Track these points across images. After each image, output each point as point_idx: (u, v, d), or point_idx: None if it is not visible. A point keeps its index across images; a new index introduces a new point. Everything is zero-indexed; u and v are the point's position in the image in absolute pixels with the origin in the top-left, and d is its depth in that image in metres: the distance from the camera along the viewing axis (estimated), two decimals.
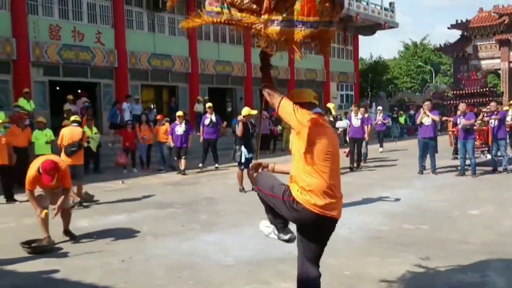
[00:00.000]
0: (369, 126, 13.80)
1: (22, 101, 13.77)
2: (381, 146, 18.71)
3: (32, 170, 6.01)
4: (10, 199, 9.33)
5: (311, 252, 3.60)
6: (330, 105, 11.52)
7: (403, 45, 53.44)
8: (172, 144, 13.30)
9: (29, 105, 13.95)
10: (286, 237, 3.76)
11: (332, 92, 31.21)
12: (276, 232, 3.76)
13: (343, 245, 5.99)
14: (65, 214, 6.47)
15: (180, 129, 13.05)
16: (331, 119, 8.87)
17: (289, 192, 3.38)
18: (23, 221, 7.16)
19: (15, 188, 9.41)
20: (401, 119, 27.01)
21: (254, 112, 10.38)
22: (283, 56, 3.92)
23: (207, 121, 13.78)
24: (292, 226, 3.65)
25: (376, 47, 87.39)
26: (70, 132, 8.79)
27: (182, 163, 13.00)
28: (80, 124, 9.54)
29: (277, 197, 3.46)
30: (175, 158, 13.43)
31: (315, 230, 3.46)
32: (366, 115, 13.75)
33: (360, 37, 34.18)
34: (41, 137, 10.78)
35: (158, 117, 15.07)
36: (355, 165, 13.17)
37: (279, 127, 19.66)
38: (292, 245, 5.91)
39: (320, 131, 3.30)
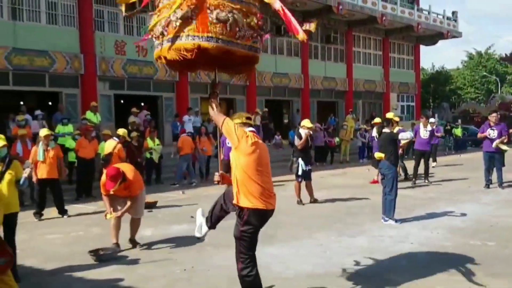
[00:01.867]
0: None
1: (89, 114, 14.47)
2: (434, 160, 17.75)
3: (103, 175, 6.33)
4: (61, 212, 9.07)
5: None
6: (389, 114, 11.24)
7: (466, 54, 51.53)
8: (221, 157, 12.47)
9: (96, 117, 14.63)
10: (201, 235, 4.92)
11: (392, 103, 30.50)
12: (204, 225, 4.91)
13: (406, 262, 5.82)
14: (134, 223, 6.73)
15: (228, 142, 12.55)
16: (394, 130, 8.57)
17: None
18: (92, 230, 7.49)
19: (81, 197, 9.75)
20: (457, 131, 25.54)
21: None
22: (340, 67, 4.34)
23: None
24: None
25: (438, 57, 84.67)
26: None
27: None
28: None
29: None
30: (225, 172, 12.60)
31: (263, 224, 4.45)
32: (434, 126, 13.40)
33: (422, 47, 33.28)
34: (105, 148, 11.25)
35: None
36: (414, 180, 12.69)
37: (337, 139, 19.45)
38: (354, 261, 5.80)
39: (254, 145, 4.11)
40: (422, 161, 12.84)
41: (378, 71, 29.75)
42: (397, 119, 9.91)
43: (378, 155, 8.21)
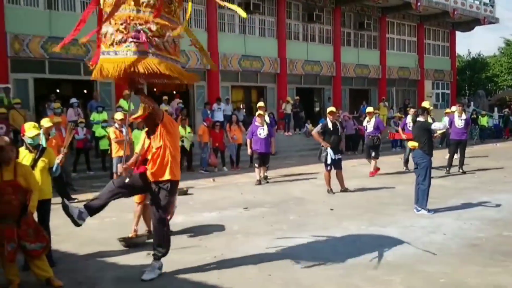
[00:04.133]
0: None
1: (122, 102, 14.73)
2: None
3: None
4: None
5: None
6: (425, 103, 10.95)
7: (504, 41, 49.61)
8: (249, 150, 11.51)
9: (129, 106, 14.85)
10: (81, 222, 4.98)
11: (426, 90, 29.82)
12: (85, 214, 4.98)
13: (438, 252, 5.72)
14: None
15: (263, 132, 11.27)
16: (430, 120, 8.40)
17: None
18: (125, 216, 7.65)
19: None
20: (483, 121, 24.65)
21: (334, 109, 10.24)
22: (373, 54, 4.33)
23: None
24: None
25: (474, 44, 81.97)
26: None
27: (262, 171, 11.41)
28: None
29: None
30: (256, 166, 11.40)
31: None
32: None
33: (457, 33, 32.31)
34: (139, 136, 11.41)
35: None
36: (448, 169, 12.41)
37: None
38: (384, 251, 5.75)
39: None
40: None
41: (413, 58, 29.09)
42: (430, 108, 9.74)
43: (411, 144, 8.08)
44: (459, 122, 12.46)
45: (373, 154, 12.21)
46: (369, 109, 13.02)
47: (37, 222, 4.97)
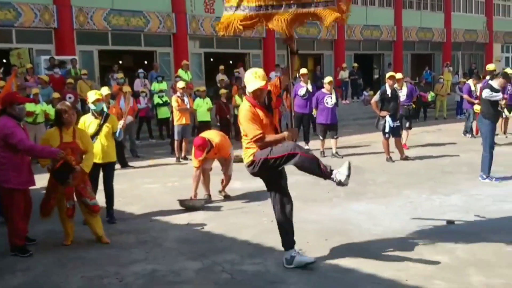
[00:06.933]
0: None
1: (181, 72, 14.98)
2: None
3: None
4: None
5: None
6: (490, 66, 10.18)
7: None
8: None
9: (187, 75, 15.13)
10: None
11: (495, 54, 28.07)
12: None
13: (507, 221, 5.49)
14: (226, 179, 7.09)
15: (330, 100, 10.26)
16: (494, 84, 7.79)
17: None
18: (186, 181, 7.88)
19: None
20: None
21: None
22: (437, 16, 4.04)
23: (302, 91, 10.84)
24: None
25: None
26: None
27: (333, 143, 10.45)
28: None
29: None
30: (320, 137, 10.59)
31: None
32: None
33: None
34: (202, 104, 11.62)
35: None
36: None
37: (431, 94, 18.23)
38: (447, 219, 5.59)
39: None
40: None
41: (480, 19, 27.37)
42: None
43: (476, 108, 7.68)
44: None
45: (407, 124, 10.81)
46: (399, 75, 10.84)
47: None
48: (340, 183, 4.14)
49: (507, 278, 3.99)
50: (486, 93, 7.49)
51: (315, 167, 4.18)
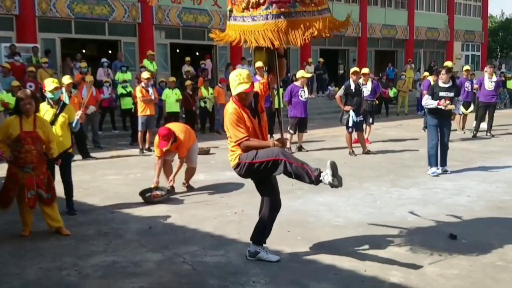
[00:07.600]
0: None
1: (146, 62, 14.77)
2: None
3: (156, 136, 6.65)
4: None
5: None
6: (448, 63, 10.53)
7: None
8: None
9: (152, 66, 14.92)
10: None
11: (456, 52, 28.88)
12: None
13: (462, 214, 5.69)
14: (189, 171, 7.03)
15: (304, 94, 10.09)
16: (439, 82, 8.02)
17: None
18: (149, 173, 7.79)
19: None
20: (510, 84, 21.89)
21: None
22: (401, 14, 4.10)
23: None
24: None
25: (508, 3, 78.51)
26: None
27: (299, 138, 10.48)
28: None
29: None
30: (291, 131, 10.21)
31: None
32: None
33: None
34: (171, 95, 11.50)
35: None
36: (475, 132, 12.13)
37: (393, 90, 18.58)
38: (405, 212, 5.75)
39: None
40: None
41: (442, 18, 28.11)
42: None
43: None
44: (489, 84, 12.08)
45: (370, 120, 11.08)
46: (365, 70, 11.04)
47: (50, 173, 5.21)
48: (331, 185, 4.17)
49: (460, 269, 4.14)
50: (424, 101, 7.95)
51: (304, 175, 4.18)
